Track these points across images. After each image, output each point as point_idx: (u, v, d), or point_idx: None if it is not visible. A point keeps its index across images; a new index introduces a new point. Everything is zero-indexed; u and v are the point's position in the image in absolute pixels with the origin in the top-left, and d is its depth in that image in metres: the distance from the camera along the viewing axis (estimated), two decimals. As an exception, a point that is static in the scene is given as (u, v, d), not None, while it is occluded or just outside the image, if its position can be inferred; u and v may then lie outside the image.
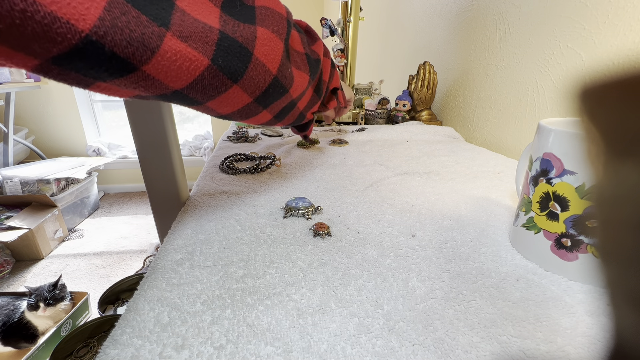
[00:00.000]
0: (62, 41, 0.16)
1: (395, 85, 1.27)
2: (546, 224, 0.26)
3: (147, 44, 0.19)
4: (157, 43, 0.19)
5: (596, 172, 0.07)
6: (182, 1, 0.21)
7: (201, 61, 0.22)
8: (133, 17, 0.18)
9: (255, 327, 0.21)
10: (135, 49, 0.18)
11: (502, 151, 0.68)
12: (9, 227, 1.36)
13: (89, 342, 0.82)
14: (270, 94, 0.29)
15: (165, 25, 0.20)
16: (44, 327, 0.98)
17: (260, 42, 0.26)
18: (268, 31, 0.27)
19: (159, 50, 0.19)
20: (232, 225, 0.33)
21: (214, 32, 0.22)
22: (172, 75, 0.21)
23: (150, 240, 1.66)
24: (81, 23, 0.16)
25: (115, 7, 0.17)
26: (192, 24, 0.21)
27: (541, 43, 0.58)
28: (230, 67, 0.24)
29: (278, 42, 0.28)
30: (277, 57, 0.28)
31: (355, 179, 0.47)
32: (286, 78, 0.30)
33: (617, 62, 0.45)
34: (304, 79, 0.34)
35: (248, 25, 0.25)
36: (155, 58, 0.20)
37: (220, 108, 0.27)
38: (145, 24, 0.19)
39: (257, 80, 0.27)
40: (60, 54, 0.16)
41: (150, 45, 0.19)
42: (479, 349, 0.19)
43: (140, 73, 0.20)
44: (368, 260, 0.28)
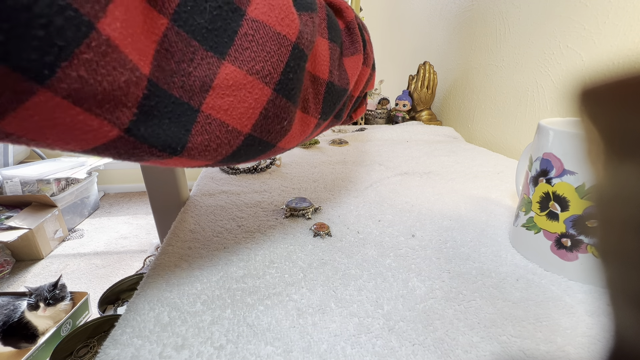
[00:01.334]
0: None
1: (395, 85, 1.27)
2: (546, 224, 0.26)
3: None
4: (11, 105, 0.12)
5: (596, 172, 0.07)
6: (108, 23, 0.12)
7: (106, 132, 0.14)
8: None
9: (255, 327, 0.21)
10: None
11: (502, 151, 0.68)
12: (9, 227, 1.36)
13: (89, 342, 0.82)
14: (242, 154, 0.20)
15: (38, 79, 0.11)
16: (44, 327, 0.98)
17: (217, 92, 0.16)
18: (241, 73, 0.17)
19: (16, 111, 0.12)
20: (232, 225, 0.33)
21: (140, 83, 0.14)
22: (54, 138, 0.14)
23: (150, 240, 1.66)
24: None
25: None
26: (108, 73, 0.13)
27: (541, 43, 0.58)
28: (160, 136, 0.16)
29: (258, 89, 0.18)
30: (252, 110, 0.18)
31: (355, 179, 0.47)
32: (271, 133, 0.20)
33: (617, 62, 0.45)
34: (309, 124, 0.24)
35: (209, 59, 0.16)
36: (11, 118, 0.12)
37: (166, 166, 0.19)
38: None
39: (213, 146, 0.18)
40: None
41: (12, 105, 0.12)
42: (479, 349, 0.19)
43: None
44: (368, 260, 0.28)
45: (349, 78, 0.26)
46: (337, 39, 0.24)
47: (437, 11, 0.95)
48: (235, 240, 0.31)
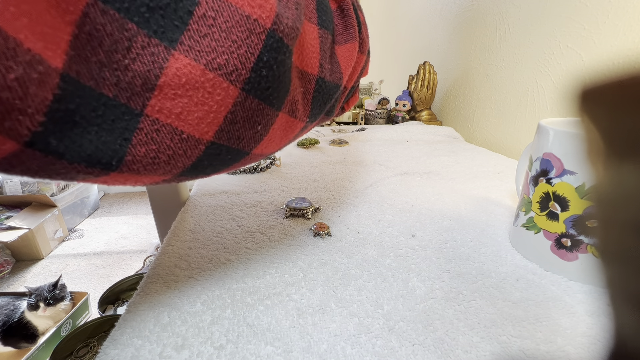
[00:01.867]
0: None
1: (395, 85, 1.27)
2: (546, 224, 0.26)
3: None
4: None
5: (596, 172, 0.07)
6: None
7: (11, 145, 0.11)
8: None
9: (255, 327, 0.21)
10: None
11: (502, 151, 0.68)
12: (9, 227, 1.36)
13: (89, 342, 0.82)
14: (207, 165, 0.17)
15: None
16: (44, 327, 0.98)
17: (165, 92, 0.13)
18: (198, 67, 0.13)
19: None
20: (232, 225, 0.33)
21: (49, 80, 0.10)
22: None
23: (150, 240, 1.66)
24: None
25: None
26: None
27: (541, 43, 0.58)
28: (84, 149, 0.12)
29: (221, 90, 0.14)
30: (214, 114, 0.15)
31: (355, 179, 0.47)
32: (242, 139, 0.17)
33: (617, 62, 0.45)
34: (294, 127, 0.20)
35: (154, 48, 0.12)
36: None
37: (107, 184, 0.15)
38: None
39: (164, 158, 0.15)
40: None
41: None
42: (479, 349, 0.19)
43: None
44: (368, 260, 0.28)
45: (342, 71, 0.22)
46: (328, 23, 0.20)
47: (437, 11, 0.95)
48: (235, 240, 0.31)
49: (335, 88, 0.22)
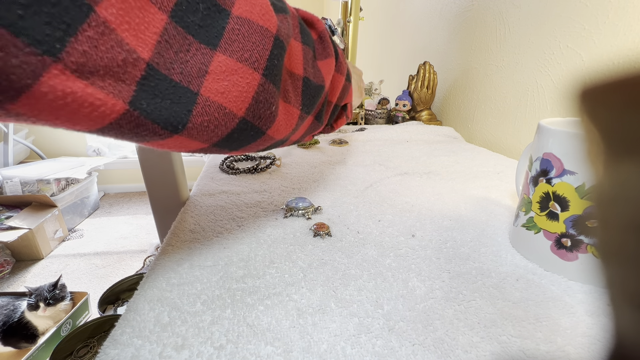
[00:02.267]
0: None
1: (395, 85, 1.27)
2: (546, 224, 0.26)
3: (7, 82, 0.12)
4: (28, 81, 0.13)
5: (596, 172, 0.07)
6: (108, 6, 0.14)
7: (111, 106, 0.15)
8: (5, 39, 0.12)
9: (255, 327, 0.21)
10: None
11: (502, 151, 0.68)
12: (9, 227, 1.36)
13: (89, 342, 0.82)
14: (236, 138, 0.22)
15: (51, 52, 0.13)
16: (44, 327, 0.98)
17: (213, 77, 0.18)
18: (232, 60, 0.19)
19: (31, 89, 0.13)
20: (232, 225, 0.33)
21: (138, 66, 0.15)
22: (63, 118, 0.15)
23: (150, 240, 1.66)
24: None
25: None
26: (108, 51, 0.14)
27: (541, 43, 0.58)
28: (163, 113, 0.17)
29: (249, 74, 0.20)
30: (245, 94, 0.20)
31: (355, 179, 0.47)
32: (261, 118, 0.22)
33: (617, 62, 0.45)
34: (292, 115, 0.26)
35: (203, 50, 0.18)
36: (26, 99, 0.13)
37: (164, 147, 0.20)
38: (9, 49, 0.12)
39: (212, 127, 0.20)
40: None
41: (13, 84, 0.12)
42: (479, 349, 0.19)
43: (4, 110, 0.13)
44: (368, 260, 0.28)
45: (323, 77, 0.28)
46: (309, 43, 0.27)
47: (437, 11, 0.95)
48: (235, 240, 0.31)
49: (320, 88, 0.28)
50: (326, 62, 0.29)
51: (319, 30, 0.29)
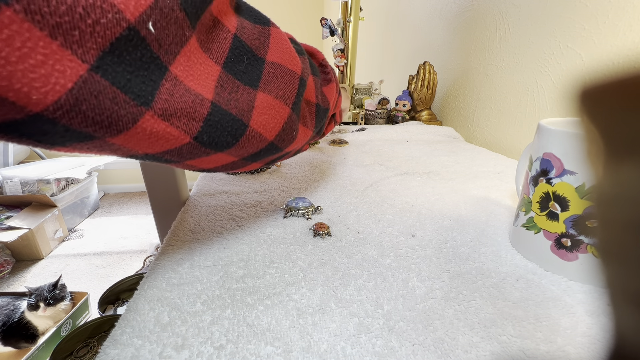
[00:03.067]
0: (4, 114, 0.13)
1: (395, 85, 1.27)
2: (546, 224, 0.26)
3: (115, 126, 0.16)
4: (128, 125, 0.17)
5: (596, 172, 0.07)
6: (178, 66, 0.18)
7: (182, 139, 0.19)
8: (107, 98, 0.15)
9: (255, 327, 0.21)
10: (97, 129, 0.16)
11: (502, 151, 0.68)
12: (9, 227, 1.36)
13: (89, 342, 0.82)
14: (261, 155, 0.26)
15: (146, 104, 0.17)
16: (44, 327, 0.98)
17: (258, 111, 0.23)
18: (271, 97, 0.24)
19: (130, 130, 0.17)
20: (232, 225, 0.33)
21: (204, 105, 0.19)
22: (143, 146, 0.19)
23: (150, 240, 1.66)
24: (31, 106, 0.13)
25: (86, 88, 0.14)
26: (181, 97, 0.18)
27: (541, 43, 0.58)
28: (217, 142, 0.21)
29: (282, 109, 0.25)
30: (277, 124, 0.25)
31: (355, 179, 0.47)
32: (284, 141, 0.27)
33: (617, 62, 0.45)
34: (307, 135, 0.31)
35: (248, 90, 0.22)
36: (124, 136, 0.17)
37: (200, 165, 0.24)
38: (120, 105, 0.16)
39: (248, 148, 0.24)
40: (2, 122, 0.14)
41: (119, 127, 0.16)
42: (479, 349, 0.19)
43: (103, 142, 0.17)
44: (368, 260, 0.28)
45: (329, 101, 0.34)
46: (316, 73, 0.32)
47: (437, 11, 0.95)
48: (235, 240, 0.31)
49: (326, 111, 0.34)
50: (329, 87, 0.34)
51: (320, 59, 0.34)
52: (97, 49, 0.14)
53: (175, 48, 0.18)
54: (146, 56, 0.16)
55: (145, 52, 0.16)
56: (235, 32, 0.21)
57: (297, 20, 2.59)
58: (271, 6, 2.45)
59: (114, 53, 0.15)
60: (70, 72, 0.14)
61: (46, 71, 0.13)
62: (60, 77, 0.13)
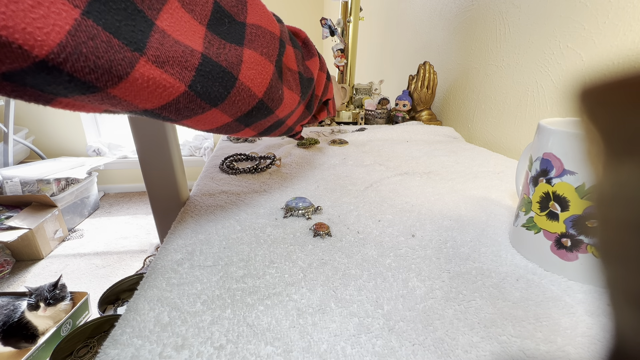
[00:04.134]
0: (12, 62, 0.14)
1: (395, 85, 1.27)
2: (546, 224, 0.26)
3: (115, 71, 0.17)
4: (126, 70, 0.18)
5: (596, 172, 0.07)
6: (163, 21, 0.19)
7: (177, 87, 0.21)
8: (102, 41, 0.16)
9: (255, 327, 0.21)
10: (99, 75, 0.17)
11: (502, 151, 0.68)
12: (9, 227, 1.36)
13: (89, 342, 0.82)
14: (253, 115, 0.28)
15: (139, 49, 0.18)
16: (44, 327, 0.98)
17: (246, 65, 0.24)
18: (256, 54, 0.25)
19: (129, 77, 0.18)
20: (232, 225, 0.33)
21: (195, 55, 0.21)
22: (142, 98, 0.20)
23: (150, 240, 1.66)
24: (36, 49, 0.14)
25: (82, 30, 0.15)
26: (172, 47, 0.20)
27: (541, 43, 0.58)
28: (210, 92, 0.23)
29: (267, 65, 0.26)
30: (264, 80, 0.26)
31: (355, 179, 0.47)
32: (273, 100, 0.29)
33: (617, 62, 0.45)
34: (294, 99, 0.33)
35: (235, 47, 0.24)
36: (124, 84, 0.18)
37: (196, 126, 0.26)
38: (115, 49, 0.17)
39: (240, 104, 0.26)
40: (9, 71, 0.15)
41: (118, 72, 0.17)
42: (479, 349, 0.19)
43: (104, 94, 0.18)
44: (368, 260, 0.28)
45: (312, 72, 0.36)
46: (297, 47, 0.34)
47: (437, 11, 0.95)
48: (235, 240, 0.31)
49: (310, 80, 0.36)
50: (312, 61, 0.37)
51: (302, 37, 0.37)
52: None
53: (157, 4, 0.19)
54: (130, 8, 0.18)
55: (129, 3, 0.18)
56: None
57: (297, 21, 2.59)
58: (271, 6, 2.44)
59: (100, 0, 0.16)
60: (66, 15, 0.15)
61: (44, 12, 0.14)
62: (58, 19, 0.15)
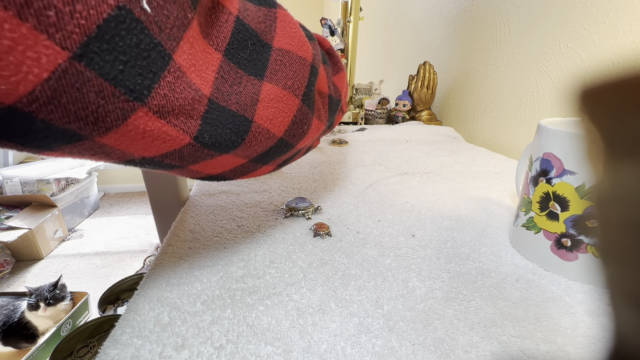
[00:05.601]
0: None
1: (395, 85, 1.27)
2: (546, 224, 0.26)
3: (102, 121, 0.14)
4: (118, 122, 0.15)
5: (596, 172, 0.07)
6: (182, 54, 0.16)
7: (180, 140, 0.17)
8: (92, 90, 0.13)
9: (255, 327, 0.21)
10: (83, 125, 0.14)
11: (502, 151, 0.68)
12: (9, 227, 1.36)
13: (89, 342, 0.82)
14: (271, 154, 0.24)
15: (140, 99, 0.15)
16: (44, 327, 0.98)
17: (264, 105, 0.21)
18: (278, 88, 0.21)
19: (120, 127, 0.15)
20: (232, 225, 0.33)
21: (202, 102, 0.17)
22: (137, 148, 0.17)
23: (150, 240, 1.66)
24: (2, 97, 0.12)
25: (67, 77, 0.12)
26: (182, 92, 0.16)
27: (541, 43, 0.58)
28: (221, 142, 0.19)
29: (291, 101, 0.22)
30: (286, 118, 0.22)
31: (355, 179, 0.47)
32: (295, 136, 0.25)
33: (617, 62, 0.45)
34: (319, 128, 0.28)
35: (253, 80, 0.20)
36: (113, 134, 0.15)
37: (205, 170, 0.22)
38: (108, 99, 0.14)
39: (257, 147, 0.22)
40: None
41: (106, 123, 0.14)
42: (479, 349, 0.19)
43: (92, 142, 0.15)
44: (368, 260, 0.28)
45: (340, 91, 0.32)
46: (327, 62, 0.29)
47: (437, 11, 0.95)
48: (235, 240, 0.31)
49: (338, 102, 0.31)
50: (339, 76, 0.32)
51: (326, 47, 0.31)
52: (81, 34, 0.12)
53: (178, 32, 0.15)
54: (144, 42, 0.14)
55: (143, 37, 0.14)
56: (237, 14, 0.19)
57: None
58: (271, 6, 2.44)
59: (103, 38, 0.13)
60: (47, 60, 0.12)
61: (15, 59, 0.11)
62: (34, 66, 0.12)
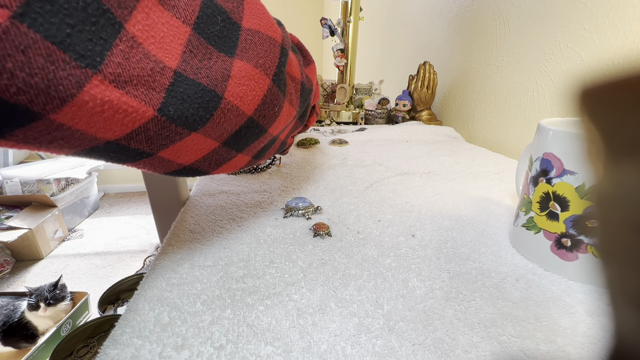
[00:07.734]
0: None
1: (395, 85, 1.27)
2: (546, 224, 0.26)
3: (55, 89, 0.13)
4: (71, 91, 0.14)
5: (596, 172, 0.07)
6: (135, 24, 0.15)
7: (142, 112, 0.17)
8: (38, 54, 0.12)
9: (255, 327, 0.21)
10: (33, 97, 0.13)
11: (502, 151, 0.68)
12: (9, 227, 1.36)
13: (89, 342, 0.82)
14: (242, 135, 0.24)
15: (93, 65, 0.14)
16: (44, 327, 0.98)
17: (235, 81, 0.20)
18: (249, 66, 0.21)
19: (74, 99, 0.14)
20: (232, 225, 0.33)
21: (166, 74, 0.17)
22: (98, 126, 0.16)
23: (150, 240, 1.66)
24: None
25: (9, 40, 0.12)
26: (139, 62, 0.16)
27: (541, 43, 0.58)
28: (187, 116, 0.19)
29: (262, 79, 0.22)
30: (256, 96, 0.22)
31: (355, 179, 0.47)
32: (265, 117, 0.24)
33: (617, 62, 0.45)
34: (291, 114, 0.29)
35: (223, 58, 0.20)
36: (68, 107, 0.14)
37: (177, 157, 0.21)
38: (58, 64, 0.13)
39: (226, 125, 0.21)
40: None
41: (60, 93, 0.13)
42: (479, 349, 0.19)
43: (47, 123, 0.14)
44: (368, 260, 0.28)
45: (312, 81, 0.33)
46: (297, 52, 0.30)
47: (437, 11, 0.95)
48: (235, 240, 0.31)
49: (310, 92, 0.32)
50: (310, 68, 0.33)
51: (295, 41, 0.32)
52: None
53: (130, 1, 0.15)
54: (92, 7, 0.13)
55: (90, 1, 0.13)
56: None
57: (297, 20, 2.59)
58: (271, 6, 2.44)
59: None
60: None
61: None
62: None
